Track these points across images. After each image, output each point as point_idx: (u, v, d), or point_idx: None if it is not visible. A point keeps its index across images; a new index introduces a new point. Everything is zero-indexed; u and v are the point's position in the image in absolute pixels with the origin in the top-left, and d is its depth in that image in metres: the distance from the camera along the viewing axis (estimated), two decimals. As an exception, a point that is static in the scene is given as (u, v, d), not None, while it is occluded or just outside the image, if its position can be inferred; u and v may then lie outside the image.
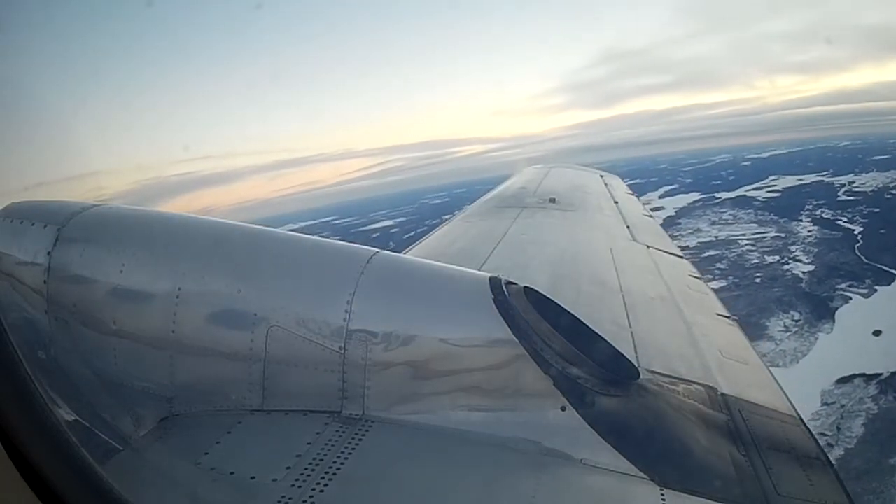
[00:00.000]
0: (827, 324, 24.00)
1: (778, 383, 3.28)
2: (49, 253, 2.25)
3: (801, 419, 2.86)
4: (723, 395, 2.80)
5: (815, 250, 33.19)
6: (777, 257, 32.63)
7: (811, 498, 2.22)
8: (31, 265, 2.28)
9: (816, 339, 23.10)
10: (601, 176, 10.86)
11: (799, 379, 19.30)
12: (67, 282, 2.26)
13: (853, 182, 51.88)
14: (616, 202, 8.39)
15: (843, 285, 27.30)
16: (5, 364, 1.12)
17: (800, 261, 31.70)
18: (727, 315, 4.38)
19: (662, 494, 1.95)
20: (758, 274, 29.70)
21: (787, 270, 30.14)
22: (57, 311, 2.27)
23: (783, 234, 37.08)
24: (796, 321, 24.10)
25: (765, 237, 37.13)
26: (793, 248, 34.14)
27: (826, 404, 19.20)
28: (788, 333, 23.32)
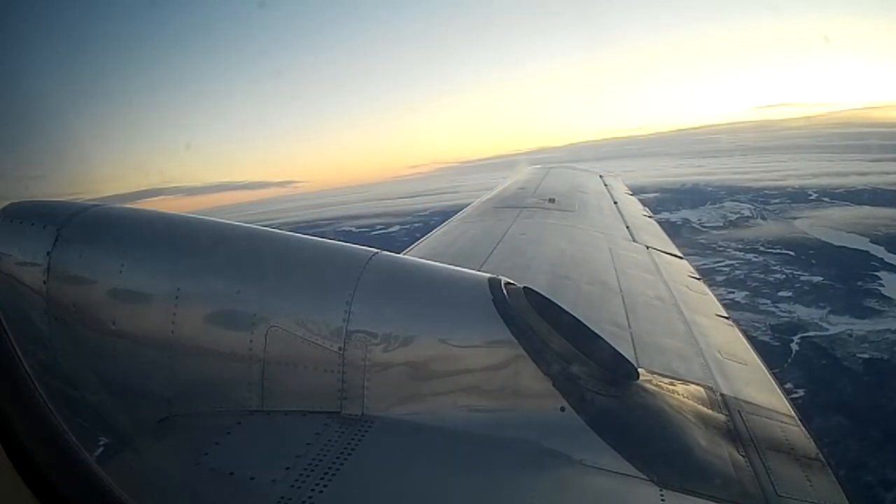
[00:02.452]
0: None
1: (777, 383, 3.28)
2: (48, 253, 2.25)
3: (801, 419, 2.87)
4: (722, 395, 2.80)
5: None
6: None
7: (810, 499, 2.22)
8: (31, 265, 2.28)
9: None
10: (601, 176, 10.88)
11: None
12: (67, 282, 2.26)
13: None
14: (616, 202, 8.40)
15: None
16: (5, 364, 1.12)
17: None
18: (726, 315, 4.39)
19: (661, 495, 1.95)
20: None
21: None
22: (56, 312, 2.27)
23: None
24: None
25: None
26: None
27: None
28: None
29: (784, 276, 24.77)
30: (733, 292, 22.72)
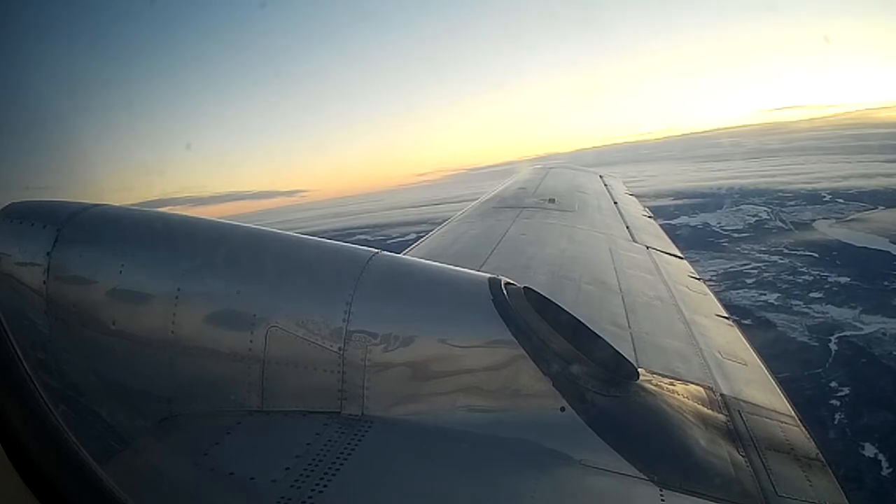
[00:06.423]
0: None
1: (777, 383, 3.29)
2: (48, 253, 2.25)
3: (800, 419, 2.87)
4: (722, 395, 2.80)
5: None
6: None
7: (810, 498, 2.22)
8: (31, 265, 2.28)
9: None
10: (601, 177, 10.88)
11: None
12: (67, 282, 2.26)
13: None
14: (616, 202, 8.41)
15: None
16: (5, 364, 1.12)
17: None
18: (726, 315, 4.40)
19: (661, 495, 1.95)
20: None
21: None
22: (56, 312, 2.27)
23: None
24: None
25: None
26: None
27: None
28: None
29: (812, 277, 24.88)
30: (765, 294, 22.91)
